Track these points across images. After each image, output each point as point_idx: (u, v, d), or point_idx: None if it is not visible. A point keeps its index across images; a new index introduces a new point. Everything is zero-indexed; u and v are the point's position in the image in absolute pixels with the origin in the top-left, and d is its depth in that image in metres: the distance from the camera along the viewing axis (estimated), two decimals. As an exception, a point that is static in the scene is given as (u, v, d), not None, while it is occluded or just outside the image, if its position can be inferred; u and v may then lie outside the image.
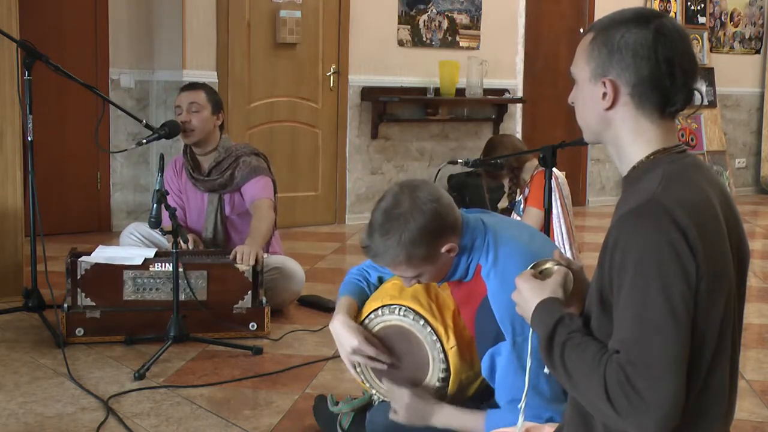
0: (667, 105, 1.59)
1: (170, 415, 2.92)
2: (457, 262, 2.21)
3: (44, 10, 6.03)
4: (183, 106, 4.18)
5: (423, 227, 2.12)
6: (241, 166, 4.20)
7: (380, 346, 2.36)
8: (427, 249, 2.15)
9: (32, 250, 3.88)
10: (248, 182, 4.18)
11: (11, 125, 4.24)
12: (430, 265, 2.19)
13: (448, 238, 2.17)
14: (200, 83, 4.38)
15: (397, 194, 2.16)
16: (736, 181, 9.37)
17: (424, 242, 2.13)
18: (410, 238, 2.12)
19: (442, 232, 2.15)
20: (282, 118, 6.77)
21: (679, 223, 1.46)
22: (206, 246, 4.19)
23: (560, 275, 1.69)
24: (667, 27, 1.57)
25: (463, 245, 2.20)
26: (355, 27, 6.96)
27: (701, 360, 1.49)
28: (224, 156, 4.22)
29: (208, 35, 6.31)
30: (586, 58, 1.63)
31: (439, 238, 2.15)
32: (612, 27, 1.60)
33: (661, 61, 1.55)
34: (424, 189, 2.16)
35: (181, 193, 4.33)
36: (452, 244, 2.17)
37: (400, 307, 2.34)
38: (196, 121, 4.15)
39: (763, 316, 4.44)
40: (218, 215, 4.24)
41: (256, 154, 4.31)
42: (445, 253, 2.18)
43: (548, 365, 1.58)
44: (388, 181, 7.23)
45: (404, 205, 2.13)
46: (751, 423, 2.96)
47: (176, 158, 4.44)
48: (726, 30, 9.25)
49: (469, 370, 2.32)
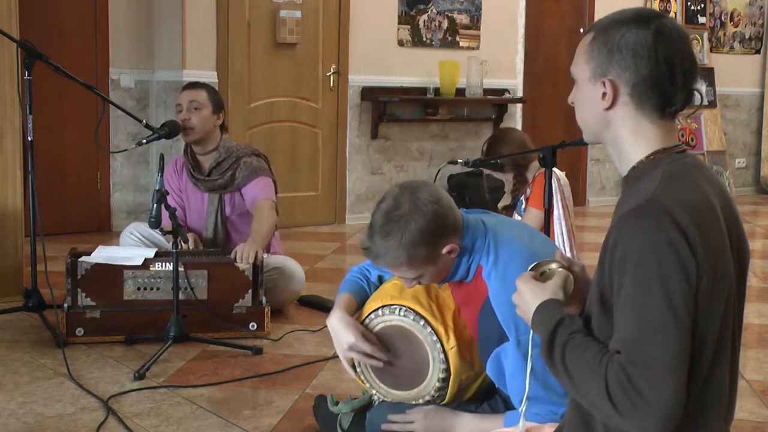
0: (667, 105, 1.59)
1: (170, 415, 2.92)
2: (458, 262, 2.22)
3: (44, 10, 6.03)
4: (183, 104, 4.19)
5: (423, 229, 2.12)
6: (242, 167, 4.20)
7: (377, 343, 2.36)
8: (428, 250, 2.15)
9: (32, 250, 3.88)
10: (249, 183, 4.18)
11: (11, 125, 4.24)
12: (431, 266, 2.19)
13: (448, 239, 2.17)
14: (202, 83, 4.39)
15: (397, 196, 2.17)
16: (736, 181, 9.37)
17: (425, 244, 2.13)
18: (411, 240, 2.12)
19: (442, 234, 2.16)
20: (282, 118, 6.77)
21: (679, 223, 1.46)
22: (206, 246, 4.19)
23: (560, 277, 1.69)
24: (668, 27, 1.57)
25: (463, 246, 2.20)
26: (355, 27, 6.96)
27: (701, 360, 1.49)
28: (225, 156, 4.22)
29: (208, 35, 6.31)
30: (586, 58, 1.64)
31: (439, 240, 2.15)
32: (612, 27, 1.60)
33: (661, 61, 1.55)
34: (424, 190, 2.17)
35: (182, 192, 4.33)
36: (453, 245, 2.17)
37: (401, 307, 2.34)
38: (195, 120, 4.15)
39: (763, 316, 4.44)
40: (218, 215, 4.24)
41: (257, 154, 4.31)
42: (445, 255, 2.18)
43: (549, 366, 1.58)
44: (388, 181, 7.23)
45: (404, 207, 2.14)
46: (751, 423, 2.96)
47: (177, 158, 4.44)
48: (726, 30, 9.25)
49: (469, 371, 2.32)
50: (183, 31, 6.20)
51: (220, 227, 4.24)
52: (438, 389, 2.32)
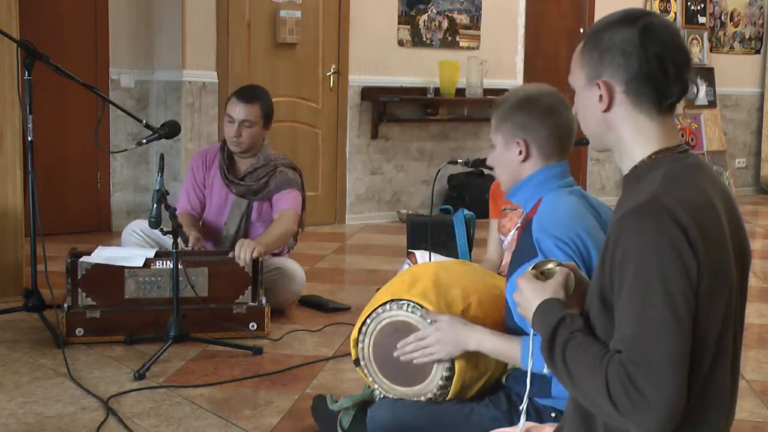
0: (663, 98, 1.59)
1: (170, 415, 2.92)
2: (525, 183, 2.32)
3: (44, 10, 6.03)
4: (236, 120, 4.09)
5: (514, 106, 2.30)
6: (277, 175, 4.18)
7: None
8: (506, 127, 2.31)
9: (32, 250, 3.88)
10: (280, 192, 4.17)
11: (11, 125, 4.24)
12: (501, 143, 2.33)
13: (526, 133, 2.29)
14: (257, 94, 4.19)
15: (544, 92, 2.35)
16: (736, 181, 9.37)
17: (509, 118, 2.31)
18: (509, 106, 2.31)
19: (524, 126, 2.29)
20: (282, 118, 6.75)
21: (680, 222, 1.46)
22: (224, 246, 4.17)
23: (562, 275, 1.69)
24: (654, 24, 1.59)
25: (536, 174, 2.30)
26: (355, 27, 6.96)
27: (702, 359, 1.49)
28: (263, 164, 4.20)
29: (208, 35, 6.31)
30: (579, 65, 1.66)
31: (516, 126, 2.30)
32: (600, 30, 1.63)
33: (651, 57, 1.57)
34: (559, 106, 2.32)
35: (205, 187, 4.29)
36: (526, 144, 2.29)
37: (409, 302, 2.35)
38: (246, 137, 4.11)
39: (763, 316, 4.44)
40: (244, 220, 4.20)
41: (293, 168, 4.29)
42: (516, 145, 2.29)
43: (550, 365, 1.58)
44: (388, 181, 7.23)
45: (533, 93, 2.32)
46: (751, 423, 2.96)
47: (208, 149, 4.36)
48: (726, 30, 9.25)
49: (473, 370, 2.32)
50: (183, 31, 6.20)
51: (242, 231, 4.21)
52: (441, 387, 2.32)
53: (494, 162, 2.40)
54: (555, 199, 2.28)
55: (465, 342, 2.26)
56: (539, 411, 2.26)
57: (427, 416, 2.34)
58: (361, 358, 2.43)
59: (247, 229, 4.22)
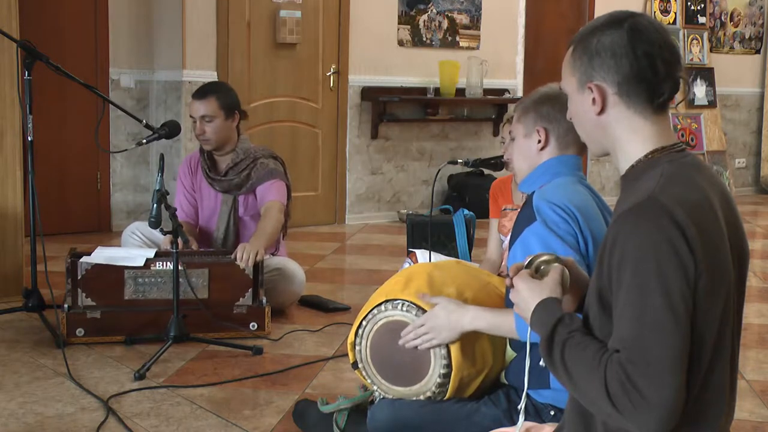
0: (655, 97, 1.60)
1: (170, 415, 2.92)
2: (537, 169, 2.36)
3: (44, 10, 6.03)
4: (195, 117, 4.14)
5: (539, 99, 2.38)
6: (258, 167, 4.19)
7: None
8: (529, 117, 2.38)
9: (32, 250, 3.88)
10: (263, 184, 4.18)
11: (11, 125, 4.24)
12: (522, 133, 2.40)
13: (547, 123, 2.35)
14: (211, 88, 4.24)
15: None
16: (736, 181, 9.37)
17: (533, 109, 2.38)
18: (533, 99, 2.40)
19: (547, 116, 2.35)
20: (282, 118, 6.77)
21: (677, 221, 1.46)
22: (215, 247, 4.18)
23: (557, 272, 1.69)
24: (641, 23, 1.60)
25: (549, 161, 2.36)
26: (355, 27, 6.96)
27: (701, 358, 1.49)
28: (242, 157, 4.21)
29: (208, 35, 6.31)
30: (570, 70, 1.68)
31: (538, 116, 2.36)
32: (588, 35, 1.64)
33: (640, 56, 1.58)
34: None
35: (195, 191, 4.32)
36: (546, 133, 2.35)
37: (403, 302, 2.35)
38: (210, 132, 4.13)
39: (763, 316, 4.44)
40: (231, 216, 4.22)
41: (274, 157, 4.30)
42: (536, 133, 2.35)
43: (548, 365, 1.58)
44: (388, 181, 7.23)
45: (557, 90, 2.31)
46: (751, 423, 2.96)
47: (191, 156, 4.41)
48: (726, 30, 9.25)
49: (470, 367, 2.33)
50: (183, 31, 6.20)
51: (232, 228, 4.23)
52: (439, 385, 2.33)
53: (513, 152, 2.45)
54: (562, 181, 2.33)
55: (460, 322, 2.27)
56: (538, 409, 2.27)
57: (427, 415, 2.35)
58: (359, 361, 2.44)
59: (236, 224, 4.24)
